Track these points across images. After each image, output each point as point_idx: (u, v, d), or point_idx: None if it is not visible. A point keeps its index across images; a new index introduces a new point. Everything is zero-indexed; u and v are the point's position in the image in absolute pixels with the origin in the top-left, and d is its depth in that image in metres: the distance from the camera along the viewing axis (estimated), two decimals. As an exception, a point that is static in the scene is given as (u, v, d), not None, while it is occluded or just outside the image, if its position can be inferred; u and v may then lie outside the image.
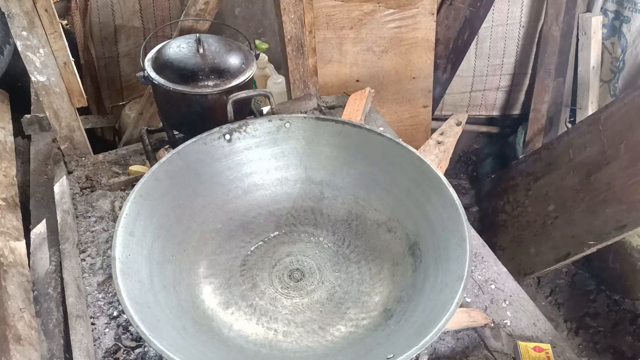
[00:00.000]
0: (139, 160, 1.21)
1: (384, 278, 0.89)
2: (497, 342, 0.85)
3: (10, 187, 1.13)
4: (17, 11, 0.98)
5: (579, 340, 1.72)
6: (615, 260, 1.75)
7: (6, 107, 1.43)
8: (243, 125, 0.95)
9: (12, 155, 1.25)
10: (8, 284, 0.88)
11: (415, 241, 0.87)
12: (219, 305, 0.85)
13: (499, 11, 1.99)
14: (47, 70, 1.07)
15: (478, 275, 0.95)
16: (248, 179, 0.99)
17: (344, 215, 0.98)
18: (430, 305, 0.74)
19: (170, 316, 0.76)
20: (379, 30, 1.76)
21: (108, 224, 1.03)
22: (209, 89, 1.02)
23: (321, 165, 0.99)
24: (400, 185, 0.91)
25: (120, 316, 0.87)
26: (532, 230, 1.74)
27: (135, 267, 0.75)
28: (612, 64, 1.99)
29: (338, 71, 1.84)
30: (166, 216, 0.87)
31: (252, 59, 1.11)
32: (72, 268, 0.93)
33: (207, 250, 0.92)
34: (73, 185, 1.11)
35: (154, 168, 0.86)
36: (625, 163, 1.49)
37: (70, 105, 1.14)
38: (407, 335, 0.71)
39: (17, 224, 1.05)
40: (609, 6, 1.95)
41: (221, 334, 0.80)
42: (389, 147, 0.91)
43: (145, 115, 1.52)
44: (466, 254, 0.74)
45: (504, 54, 2.09)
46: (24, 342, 0.81)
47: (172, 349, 0.65)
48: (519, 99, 2.22)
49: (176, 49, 1.06)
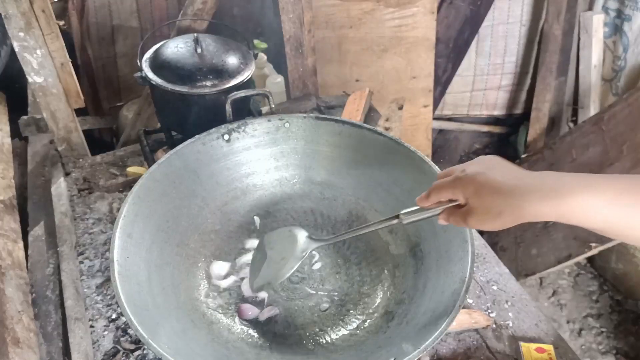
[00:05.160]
0: (136, 162, 1.20)
1: (385, 280, 0.88)
2: (499, 343, 0.84)
3: (8, 189, 1.13)
4: (14, 12, 0.97)
5: (582, 341, 1.71)
6: (618, 260, 1.74)
7: (3, 108, 1.42)
8: (242, 125, 0.95)
9: (10, 156, 1.24)
10: (6, 287, 0.88)
11: (416, 242, 0.87)
12: (218, 307, 0.85)
13: (500, 10, 1.98)
14: (44, 71, 1.06)
15: (480, 276, 0.94)
16: (247, 179, 0.98)
17: (345, 215, 0.97)
18: (431, 307, 0.74)
19: (169, 318, 0.75)
20: (379, 29, 1.75)
21: (106, 226, 1.03)
22: (207, 89, 1.02)
23: (321, 166, 0.99)
24: (401, 186, 0.90)
25: (119, 319, 0.86)
26: (533, 231, 1.73)
27: (133, 269, 0.75)
28: (614, 63, 1.99)
29: (337, 71, 1.83)
30: (164, 217, 0.86)
31: (251, 59, 1.10)
32: (71, 270, 0.92)
33: (206, 251, 0.91)
34: (71, 187, 1.11)
35: (152, 169, 0.85)
36: (628, 164, 1.48)
37: (67, 107, 1.13)
38: (408, 337, 0.71)
39: (14, 226, 1.04)
40: (610, 4, 1.94)
41: (221, 337, 0.79)
42: (389, 146, 0.91)
43: (143, 116, 1.52)
44: (468, 256, 0.73)
45: (505, 53, 2.09)
46: (22, 344, 0.81)
47: (171, 352, 0.64)
48: (521, 98, 2.21)
49: (174, 49, 1.05)
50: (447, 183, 0.58)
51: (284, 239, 0.79)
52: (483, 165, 0.57)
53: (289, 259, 0.76)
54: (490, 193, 0.53)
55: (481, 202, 0.55)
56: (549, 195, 0.50)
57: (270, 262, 0.78)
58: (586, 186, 0.49)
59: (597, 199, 0.48)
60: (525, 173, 0.54)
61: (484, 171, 0.55)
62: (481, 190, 0.54)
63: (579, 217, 0.50)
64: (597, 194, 0.49)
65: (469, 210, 0.56)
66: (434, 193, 0.60)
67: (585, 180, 0.50)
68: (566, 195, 0.49)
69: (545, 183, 0.51)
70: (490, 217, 0.54)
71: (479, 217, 0.55)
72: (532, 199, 0.51)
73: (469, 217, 0.56)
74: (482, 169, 0.56)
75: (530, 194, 0.51)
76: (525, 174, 0.54)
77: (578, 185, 0.50)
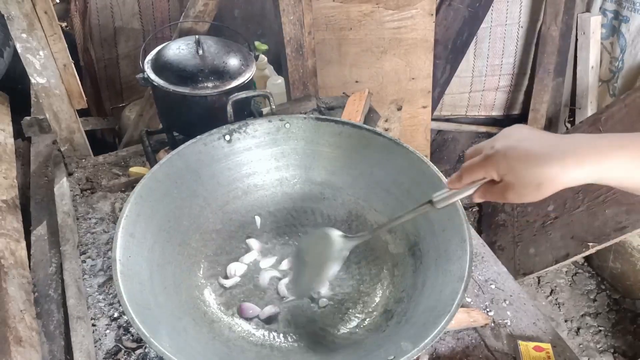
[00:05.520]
0: (139, 162, 1.21)
1: (384, 278, 0.89)
2: (497, 341, 0.85)
3: (11, 189, 1.13)
4: (17, 13, 0.98)
5: (580, 339, 1.72)
6: (616, 259, 1.75)
7: (6, 109, 1.43)
8: (243, 125, 0.96)
9: (12, 157, 1.25)
10: (9, 286, 0.88)
11: (415, 242, 0.87)
12: (219, 306, 0.85)
13: (498, 11, 1.99)
14: (46, 72, 1.07)
15: (478, 275, 0.95)
16: (248, 179, 0.99)
17: (344, 215, 0.98)
18: (430, 306, 0.74)
19: (171, 317, 0.76)
20: (378, 31, 1.76)
21: (108, 226, 1.03)
22: (209, 90, 1.02)
23: (321, 166, 0.99)
24: (400, 186, 0.91)
25: (120, 317, 0.87)
26: (531, 230, 1.74)
27: (135, 269, 0.75)
28: (611, 64, 2.00)
29: (337, 72, 1.84)
30: (166, 217, 0.87)
31: (252, 60, 1.11)
32: (73, 270, 0.93)
33: (208, 251, 0.92)
34: (73, 187, 1.11)
35: (154, 169, 0.86)
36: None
37: (70, 107, 1.14)
38: (407, 336, 0.71)
39: (17, 225, 1.05)
40: (607, 6, 1.95)
41: (222, 335, 0.80)
42: (389, 147, 0.91)
43: (145, 116, 1.53)
44: (467, 255, 0.74)
45: (503, 54, 2.10)
46: (24, 343, 0.81)
47: (173, 350, 0.64)
48: (518, 99, 2.22)
49: (176, 50, 1.06)
50: (478, 162, 0.57)
51: (319, 242, 0.79)
52: (511, 138, 0.55)
53: (328, 262, 0.77)
54: (525, 166, 0.52)
55: (517, 177, 0.53)
56: (585, 159, 0.49)
57: (311, 268, 0.79)
58: (620, 147, 0.49)
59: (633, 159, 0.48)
60: (556, 138, 0.53)
61: (513, 144, 0.54)
62: (515, 165, 0.53)
63: (616, 178, 0.49)
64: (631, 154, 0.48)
65: (507, 186, 0.54)
66: (466, 174, 0.58)
67: (620, 141, 0.50)
68: (601, 159, 0.49)
69: (580, 147, 0.50)
70: (529, 190, 0.52)
71: (518, 192, 0.53)
72: (568, 166, 0.50)
73: (507, 192, 0.55)
74: (511, 142, 0.54)
75: (566, 159, 0.50)
76: (557, 140, 0.52)
77: (612, 147, 0.49)
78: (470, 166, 0.58)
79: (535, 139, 0.54)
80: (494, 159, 0.55)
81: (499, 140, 0.56)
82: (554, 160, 0.50)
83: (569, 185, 0.51)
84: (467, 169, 0.58)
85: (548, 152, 0.51)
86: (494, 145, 0.55)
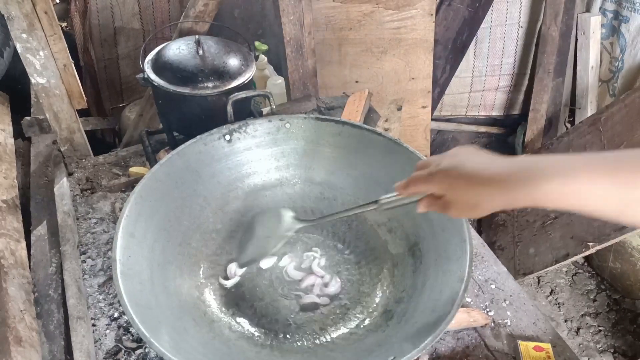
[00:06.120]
0: (139, 162, 1.21)
1: (384, 279, 0.89)
2: (497, 341, 0.85)
3: (11, 189, 1.13)
4: (17, 13, 0.98)
5: (580, 339, 1.72)
6: (616, 259, 1.75)
7: (6, 109, 1.43)
8: (243, 125, 0.96)
9: (13, 157, 1.25)
10: (9, 286, 0.88)
11: (415, 242, 0.87)
12: (219, 306, 0.86)
13: (498, 11, 1.99)
14: (47, 72, 1.07)
15: (478, 275, 0.95)
16: (248, 179, 0.99)
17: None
18: (430, 306, 0.74)
19: (171, 317, 0.76)
20: (378, 31, 1.76)
21: (108, 226, 1.03)
22: (209, 90, 1.03)
23: (321, 166, 0.99)
24: (400, 186, 0.91)
25: (120, 317, 0.87)
26: (531, 230, 1.74)
27: (136, 269, 0.75)
28: (611, 64, 2.00)
29: (337, 72, 1.84)
30: (166, 217, 0.87)
31: (252, 60, 1.11)
32: (73, 269, 0.93)
33: (208, 251, 0.92)
34: (73, 187, 1.12)
35: (154, 169, 0.86)
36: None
37: (70, 107, 1.14)
38: (407, 336, 0.71)
39: (17, 225, 1.05)
40: (607, 6, 1.95)
41: (222, 335, 0.80)
42: (389, 147, 0.92)
43: (145, 116, 1.53)
44: (467, 255, 0.74)
45: (503, 54, 2.10)
46: (24, 343, 0.81)
47: (173, 350, 0.65)
48: (518, 99, 2.22)
49: (176, 50, 1.06)
50: (423, 177, 0.60)
51: (271, 219, 0.84)
52: (457, 157, 0.58)
53: (273, 238, 0.81)
54: (465, 186, 0.55)
55: (457, 196, 0.56)
56: (521, 182, 0.50)
57: (257, 240, 0.83)
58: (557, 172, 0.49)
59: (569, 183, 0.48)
60: (499, 162, 0.54)
61: (457, 165, 0.56)
62: (455, 184, 0.56)
63: (553, 202, 0.49)
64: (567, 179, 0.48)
65: (447, 203, 0.58)
66: (412, 185, 0.62)
67: (559, 164, 0.50)
68: (538, 182, 0.49)
69: (520, 170, 0.51)
70: (467, 208, 0.56)
71: (458, 209, 0.57)
72: (505, 188, 0.51)
73: (448, 208, 0.58)
74: (456, 162, 0.57)
75: (503, 183, 0.51)
76: (499, 163, 0.54)
77: (550, 170, 0.49)
78: (416, 179, 0.61)
79: (480, 160, 0.56)
80: (437, 177, 0.58)
81: (445, 159, 0.59)
82: (491, 182, 0.52)
83: (505, 207, 0.53)
84: (412, 181, 0.62)
85: (488, 175, 0.53)
86: (440, 162, 0.58)
